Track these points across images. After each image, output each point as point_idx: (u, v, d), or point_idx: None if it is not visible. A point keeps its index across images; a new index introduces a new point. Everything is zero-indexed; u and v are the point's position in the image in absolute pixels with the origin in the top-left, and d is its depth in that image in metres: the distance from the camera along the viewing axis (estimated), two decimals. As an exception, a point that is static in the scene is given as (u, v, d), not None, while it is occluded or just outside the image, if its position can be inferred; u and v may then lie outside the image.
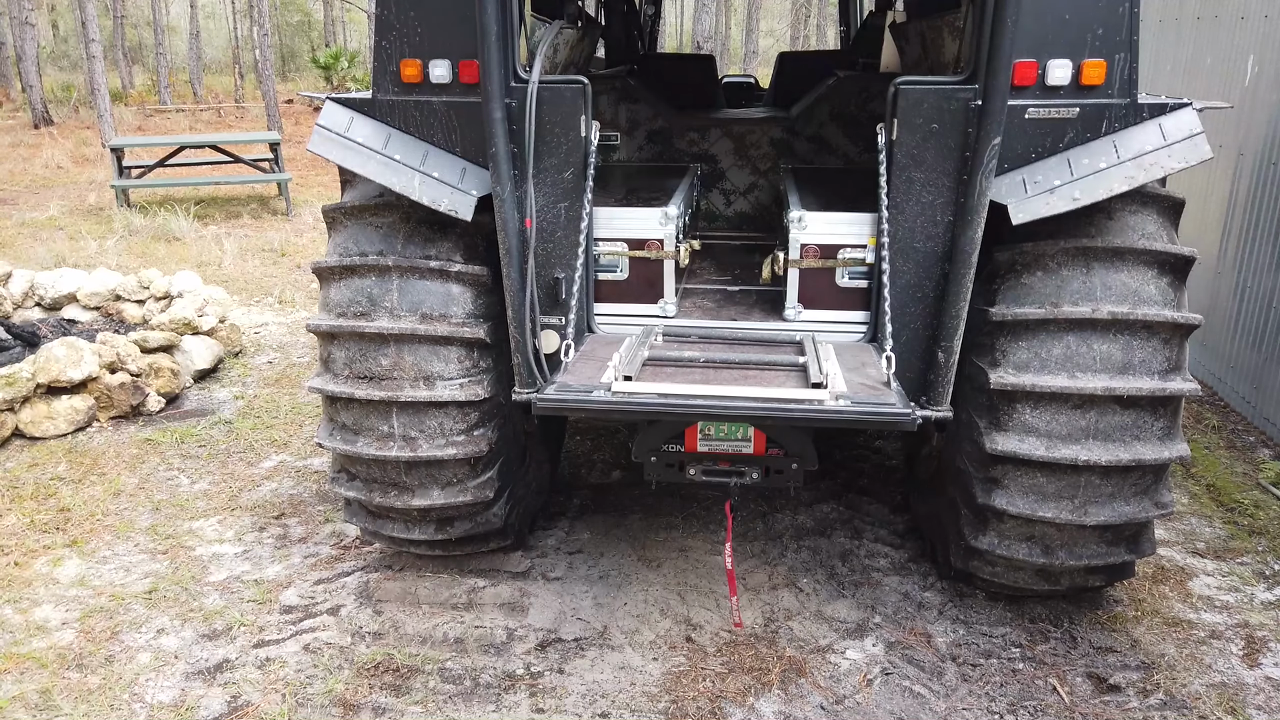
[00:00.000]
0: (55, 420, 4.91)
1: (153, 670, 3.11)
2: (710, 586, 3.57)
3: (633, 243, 3.34)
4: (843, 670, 3.10)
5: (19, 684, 3.03)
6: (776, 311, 3.43)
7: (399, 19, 3.01)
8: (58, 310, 6.09)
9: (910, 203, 2.98)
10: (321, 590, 3.55)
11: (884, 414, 2.64)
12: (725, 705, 2.93)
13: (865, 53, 6.03)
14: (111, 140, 12.56)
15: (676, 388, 2.71)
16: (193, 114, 21.44)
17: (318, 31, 36.31)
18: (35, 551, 3.84)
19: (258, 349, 6.44)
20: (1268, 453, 4.75)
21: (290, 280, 8.26)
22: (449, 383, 3.07)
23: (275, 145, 11.40)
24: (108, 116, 14.58)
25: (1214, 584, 3.62)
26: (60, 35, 37.40)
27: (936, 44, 4.09)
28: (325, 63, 22.80)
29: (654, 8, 7.23)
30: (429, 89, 3.05)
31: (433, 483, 3.20)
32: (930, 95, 2.89)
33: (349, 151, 3.03)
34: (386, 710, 2.92)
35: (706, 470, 3.11)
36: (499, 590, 3.53)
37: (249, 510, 4.19)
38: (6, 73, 24.40)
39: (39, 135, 17.57)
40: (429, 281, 3.08)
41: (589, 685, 3.03)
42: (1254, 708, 2.93)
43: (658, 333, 3.26)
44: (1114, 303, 2.86)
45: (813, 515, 4.11)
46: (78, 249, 9.12)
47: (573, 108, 3.03)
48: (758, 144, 4.94)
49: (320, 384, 3.16)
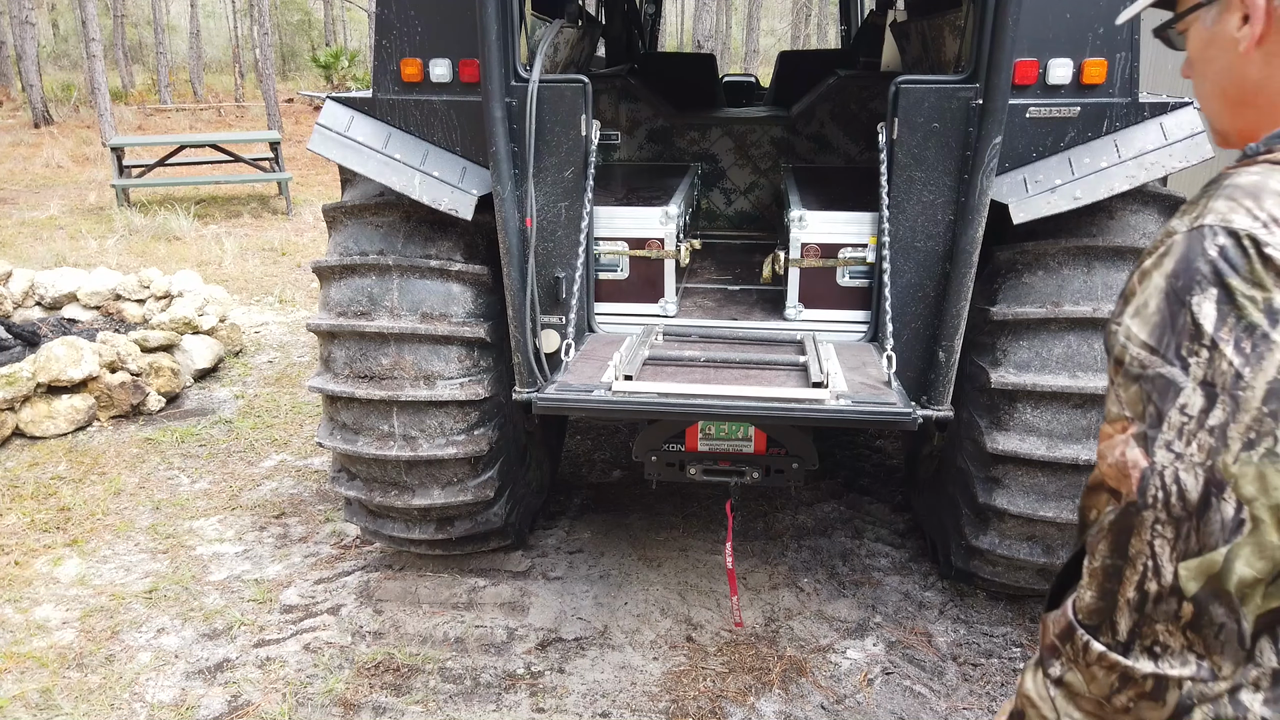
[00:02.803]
0: (55, 420, 4.91)
1: (153, 670, 3.10)
2: (711, 586, 3.57)
3: (633, 242, 3.34)
4: (843, 670, 3.10)
5: (19, 683, 3.03)
6: (777, 311, 3.43)
7: (399, 18, 3.00)
8: (58, 309, 6.09)
9: (911, 202, 2.98)
10: (322, 590, 3.55)
11: (885, 413, 2.63)
12: (726, 705, 2.93)
13: (866, 52, 6.03)
14: (112, 139, 12.56)
15: (677, 387, 2.71)
16: (193, 113, 21.44)
17: (318, 31, 36.31)
18: (35, 551, 3.83)
19: (258, 348, 6.44)
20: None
21: (290, 279, 8.26)
22: (449, 382, 3.07)
23: (275, 144, 11.39)
24: (108, 116, 14.58)
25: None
26: (60, 34, 37.41)
27: (937, 43, 4.09)
28: (325, 62, 22.80)
29: (654, 7, 7.22)
30: (429, 88, 3.05)
31: (433, 482, 3.20)
32: (931, 94, 2.89)
33: (349, 150, 3.03)
34: (387, 710, 2.91)
35: (707, 470, 3.11)
36: (499, 590, 3.53)
37: (249, 510, 4.19)
38: (6, 72, 24.39)
39: (39, 134, 17.57)
40: (429, 281, 3.08)
41: (589, 685, 3.03)
42: (1255, 707, 2.93)
43: (658, 332, 3.25)
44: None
45: (813, 515, 4.11)
46: (78, 248, 9.12)
47: (573, 107, 3.02)
48: (758, 143, 4.93)
49: (320, 383, 3.16)
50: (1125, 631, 0.95)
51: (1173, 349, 0.93)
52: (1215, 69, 1.09)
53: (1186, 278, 0.93)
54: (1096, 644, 0.97)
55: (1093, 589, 0.98)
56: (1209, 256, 0.92)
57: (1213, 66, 1.09)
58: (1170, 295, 0.94)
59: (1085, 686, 0.99)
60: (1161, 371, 0.94)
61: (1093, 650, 0.97)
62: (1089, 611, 0.98)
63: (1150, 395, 0.94)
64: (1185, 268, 0.93)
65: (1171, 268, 0.95)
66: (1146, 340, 0.95)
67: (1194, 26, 1.10)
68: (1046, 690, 1.03)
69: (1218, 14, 1.05)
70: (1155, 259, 0.98)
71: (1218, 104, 1.12)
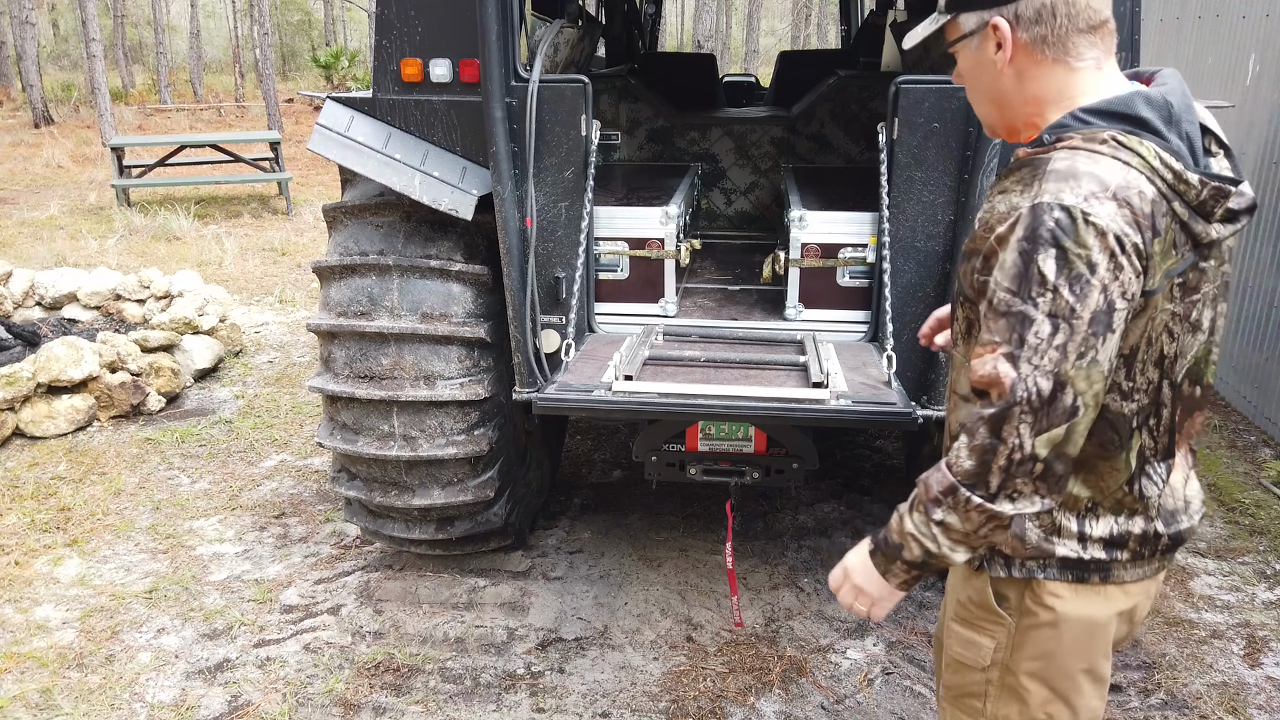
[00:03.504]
0: (55, 420, 4.91)
1: (153, 670, 3.11)
2: (711, 586, 3.57)
3: (633, 242, 3.34)
4: (843, 670, 3.10)
5: (20, 683, 3.03)
6: (777, 311, 3.43)
7: (399, 18, 3.00)
8: (58, 309, 6.09)
9: (911, 202, 2.98)
10: (322, 590, 3.55)
11: (885, 413, 2.64)
12: (726, 705, 2.93)
13: (866, 52, 6.02)
14: (112, 139, 12.55)
15: (677, 387, 2.71)
16: (193, 113, 21.44)
17: (318, 31, 36.32)
18: (36, 551, 3.84)
19: (258, 348, 6.44)
20: (1269, 452, 4.75)
21: (291, 279, 8.26)
22: (449, 382, 3.07)
23: (275, 144, 11.39)
24: (108, 116, 14.58)
25: (1215, 584, 3.62)
26: (60, 34, 37.41)
27: (937, 43, 4.08)
28: (326, 62, 22.81)
29: (655, 7, 7.22)
30: (429, 88, 3.05)
31: (433, 482, 3.20)
32: (931, 94, 2.89)
33: (349, 150, 3.02)
34: (387, 710, 2.91)
35: (707, 470, 3.11)
36: (499, 590, 3.53)
37: (249, 510, 4.19)
38: (7, 72, 24.40)
39: (39, 134, 17.57)
40: (429, 281, 3.08)
41: (590, 685, 3.03)
42: (1255, 707, 2.93)
43: (658, 332, 3.25)
44: None
45: (813, 515, 4.11)
46: (78, 248, 9.12)
47: (573, 107, 3.02)
48: (758, 143, 4.93)
49: (320, 383, 3.16)
50: (995, 486, 1.35)
51: (1027, 292, 1.30)
52: (983, 82, 1.49)
53: (1033, 241, 1.30)
54: (975, 497, 1.36)
55: (972, 459, 1.35)
56: (1048, 225, 1.29)
57: (980, 80, 1.50)
58: (1023, 254, 1.31)
59: (961, 525, 1.39)
60: (1022, 309, 1.31)
61: (973, 501, 1.36)
62: (967, 474, 1.36)
63: (1014, 326, 1.32)
64: (1031, 234, 1.30)
65: (1021, 233, 1.31)
66: (1009, 286, 1.33)
67: (962, 51, 1.50)
68: (929, 529, 1.42)
69: (979, 43, 1.46)
70: (1008, 226, 1.34)
71: (986, 106, 1.53)
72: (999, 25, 1.41)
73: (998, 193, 1.42)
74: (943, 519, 1.40)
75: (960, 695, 1.66)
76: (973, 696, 1.63)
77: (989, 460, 1.34)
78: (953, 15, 1.49)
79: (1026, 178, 1.36)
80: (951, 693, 1.68)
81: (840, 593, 1.63)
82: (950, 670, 1.67)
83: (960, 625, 1.62)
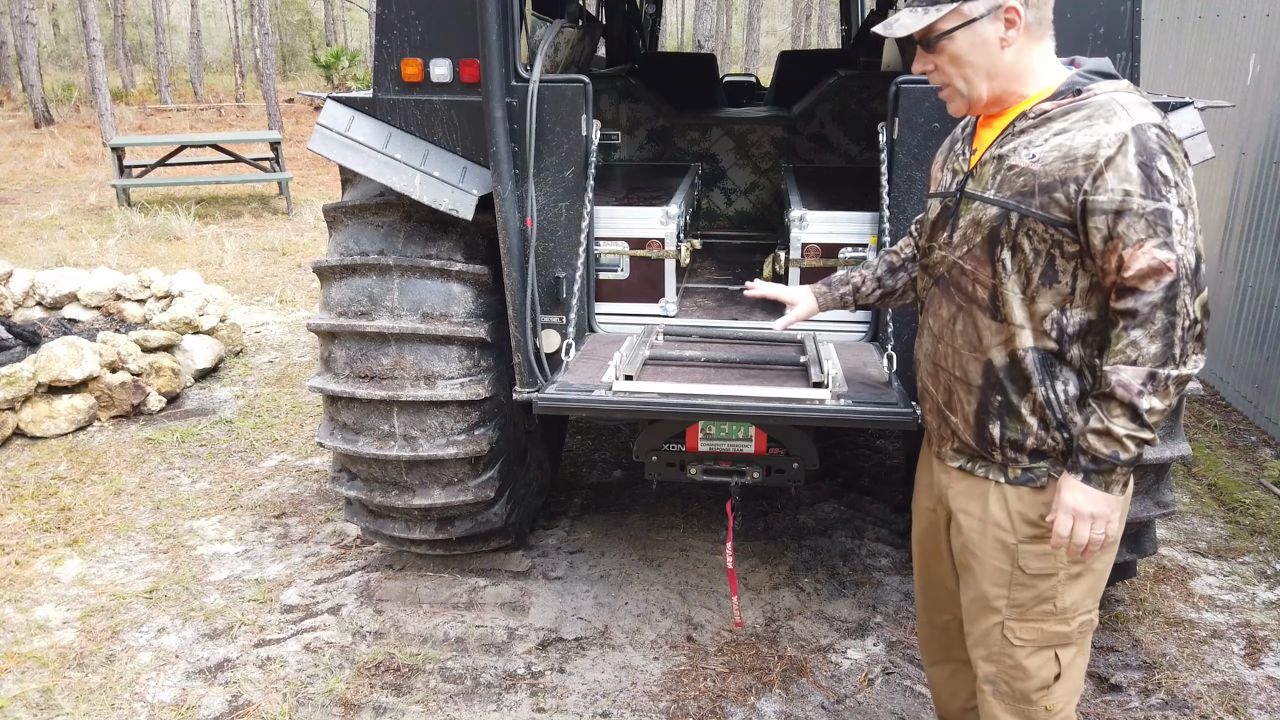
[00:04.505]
0: (56, 419, 4.91)
1: (154, 669, 3.11)
2: (711, 586, 3.57)
3: (634, 242, 3.34)
4: (844, 670, 3.10)
5: (20, 683, 3.03)
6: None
7: (400, 18, 3.00)
8: (58, 309, 6.09)
9: (911, 202, 2.98)
10: (322, 590, 3.55)
11: (885, 413, 2.64)
12: (726, 705, 2.93)
13: (866, 52, 6.02)
14: (112, 139, 12.56)
15: (677, 387, 2.71)
16: (193, 113, 21.44)
17: (318, 30, 36.32)
18: (36, 551, 3.84)
19: (258, 348, 6.44)
20: (1269, 452, 4.75)
21: (291, 279, 8.27)
22: (450, 382, 3.07)
23: (276, 144, 11.39)
24: (108, 115, 14.59)
25: (1215, 583, 3.62)
26: (61, 34, 37.42)
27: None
28: (326, 62, 22.82)
29: (655, 7, 7.22)
30: (430, 88, 3.05)
31: (433, 482, 3.20)
32: (931, 94, 2.89)
33: (349, 150, 3.02)
34: (387, 710, 2.92)
35: (707, 470, 3.11)
36: (500, 590, 3.53)
37: (250, 509, 4.19)
38: (7, 72, 24.40)
39: (40, 134, 17.58)
40: (430, 281, 3.08)
41: (590, 685, 3.03)
42: (1255, 707, 2.93)
43: (659, 332, 3.25)
44: None
45: (813, 515, 4.11)
46: (78, 248, 9.12)
47: (574, 107, 3.02)
48: (759, 143, 4.93)
49: (321, 383, 3.16)
50: (1179, 355, 1.64)
51: (1157, 191, 1.63)
52: (982, 61, 1.78)
53: (1146, 153, 1.64)
54: (1170, 371, 1.63)
55: (1157, 343, 1.63)
56: (1154, 138, 1.65)
57: (980, 59, 1.78)
58: (1143, 165, 1.64)
59: (1162, 405, 1.65)
60: (1158, 205, 1.63)
61: (1171, 376, 1.64)
62: (1157, 357, 1.63)
63: (1157, 220, 1.63)
64: (1143, 148, 1.64)
65: (1134, 150, 1.64)
66: (1141, 192, 1.63)
67: (959, 36, 1.76)
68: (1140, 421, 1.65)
69: (987, 24, 1.75)
70: (1116, 149, 1.65)
71: (982, 83, 1.80)
72: (1016, 7, 1.73)
73: (1053, 134, 1.71)
74: (1150, 405, 1.64)
75: (1033, 605, 1.91)
76: (1044, 601, 1.90)
77: (1170, 335, 1.62)
78: (958, 3, 1.75)
79: (1086, 117, 1.69)
80: (1020, 610, 1.92)
81: (1077, 532, 1.76)
82: (1019, 588, 1.91)
83: (1032, 544, 1.88)
